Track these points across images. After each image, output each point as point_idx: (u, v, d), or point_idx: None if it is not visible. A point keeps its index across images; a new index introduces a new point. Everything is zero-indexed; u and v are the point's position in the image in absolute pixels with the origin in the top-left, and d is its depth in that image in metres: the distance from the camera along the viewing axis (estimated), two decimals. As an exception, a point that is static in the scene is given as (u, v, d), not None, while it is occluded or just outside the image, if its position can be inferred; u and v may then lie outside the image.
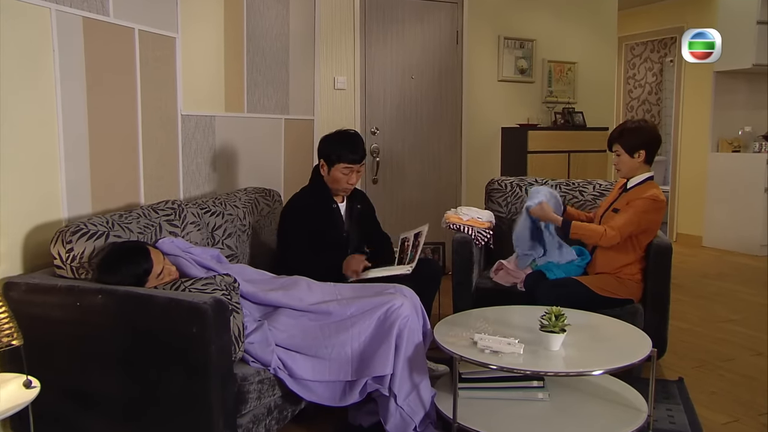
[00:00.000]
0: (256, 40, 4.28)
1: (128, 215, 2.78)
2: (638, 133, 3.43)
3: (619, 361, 2.48)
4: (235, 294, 2.51)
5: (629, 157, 3.43)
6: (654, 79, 10.17)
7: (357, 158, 3.35)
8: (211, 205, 3.33)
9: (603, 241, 3.32)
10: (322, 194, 3.43)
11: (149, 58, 3.25)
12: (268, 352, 2.55)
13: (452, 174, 5.96)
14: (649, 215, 3.33)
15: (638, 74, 10.11)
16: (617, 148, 3.46)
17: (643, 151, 3.41)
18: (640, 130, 3.45)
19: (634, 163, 3.43)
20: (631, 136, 3.43)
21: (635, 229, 3.32)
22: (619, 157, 3.46)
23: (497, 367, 2.44)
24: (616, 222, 3.33)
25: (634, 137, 3.42)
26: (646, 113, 10.17)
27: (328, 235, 3.38)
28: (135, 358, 2.30)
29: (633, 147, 3.41)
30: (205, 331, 2.17)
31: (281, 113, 4.64)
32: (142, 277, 2.47)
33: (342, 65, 5.27)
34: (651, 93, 10.21)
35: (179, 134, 3.54)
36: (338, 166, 3.34)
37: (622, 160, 3.45)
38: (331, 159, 3.35)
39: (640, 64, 10.11)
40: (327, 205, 3.43)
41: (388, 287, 2.87)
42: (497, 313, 3.05)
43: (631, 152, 3.41)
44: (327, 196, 3.44)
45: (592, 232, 3.36)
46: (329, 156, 3.36)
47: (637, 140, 3.42)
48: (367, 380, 2.60)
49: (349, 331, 2.65)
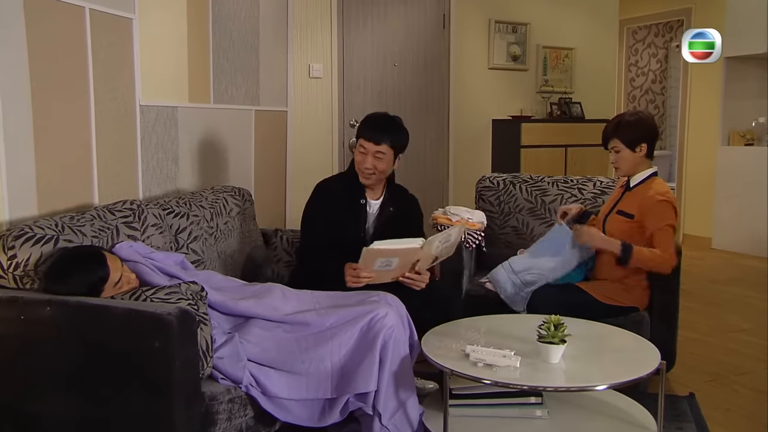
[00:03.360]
0: (222, 23, 4.26)
1: (80, 217, 2.74)
2: (638, 125, 3.42)
3: (624, 375, 2.48)
4: (202, 303, 2.49)
5: (631, 152, 3.41)
6: (658, 66, 10.24)
7: (375, 137, 3.26)
8: (175, 205, 3.31)
9: (664, 267, 3.27)
10: (352, 184, 3.38)
11: (102, 41, 3.22)
12: (239, 368, 2.52)
13: (439, 170, 5.98)
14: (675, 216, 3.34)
15: (641, 61, 10.19)
16: (615, 144, 3.43)
17: (644, 144, 3.41)
18: (640, 122, 3.43)
19: (636, 159, 3.43)
20: (630, 128, 3.41)
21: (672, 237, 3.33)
22: (619, 153, 3.43)
23: (491, 381, 2.43)
24: (662, 241, 3.28)
25: (635, 129, 3.40)
26: (650, 103, 10.25)
27: (347, 231, 3.32)
28: (89, 376, 2.27)
29: (634, 140, 3.40)
30: (168, 345, 2.15)
31: (251, 104, 4.62)
32: (96, 286, 2.44)
33: (318, 51, 5.26)
34: (655, 81, 10.28)
35: (137, 127, 3.51)
36: (359, 144, 3.31)
37: (623, 157, 3.43)
38: (356, 137, 3.35)
39: (644, 50, 10.19)
40: (355, 197, 3.37)
41: (371, 295, 2.86)
42: (491, 323, 3.05)
43: (633, 146, 3.40)
44: (357, 187, 3.37)
45: (655, 260, 3.27)
46: (356, 134, 3.36)
47: (638, 132, 3.40)
48: (349, 398, 2.58)
49: (328, 344, 2.63)
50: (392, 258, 3.02)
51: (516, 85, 6.43)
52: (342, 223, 3.31)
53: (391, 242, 3.05)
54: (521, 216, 4.20)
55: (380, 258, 3.00)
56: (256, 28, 4.62)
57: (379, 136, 3.27)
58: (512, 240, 4.11)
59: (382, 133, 3.28)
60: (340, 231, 3.29)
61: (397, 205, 3.47)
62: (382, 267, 3.04)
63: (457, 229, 3.19)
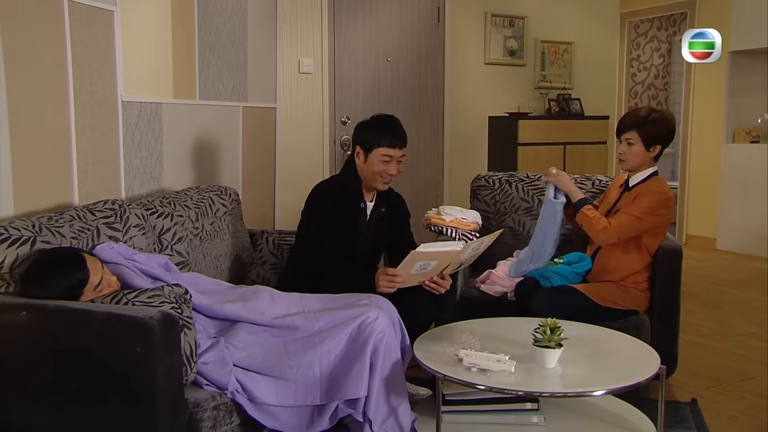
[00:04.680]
0: (208, 16, 4.26)
1: (59, 217, 2.74)
2: (661, 125, 3.42)
3: (623, 380, 2.49)
4: (186, 307, 2.49)
5: (644, 150, 3.42)
6: (661, 60, 10.27)
7: (399, 142, 3.31)
8: (158, 205, 3.31)
9: (600, 236, 3.34)
10: (352, 188, 3.40)
11: (82, 34, 3.21)
12: (224, 374, 2.53)
13: (433, 169, 5.98)
14: (656, 215, 3.35)
15: (643, 55, 10.21)
16: (632, 137, 3.42)
17: (659, 146, 3.43)
18: (664, 122, 3.44)
19: (646, 157, 3.44)
20: (653, 126, 3.40)
21: (636, 233, 3.34)
22: (631, 146, 3.43)
23: (485, 387, 2.44)
24: (619, 219, 3.34)
25: (657, 128, 3.41)
26: (652, 99, 10.27)
27: (346, 235, 3.34)
28: (66, 384, 2.26)
29: (652, 139, 3.41)
30: (150, 351, 2.15)
31: (239, 100, 4.62)
32: (76, 290, 2.44)
33: (308, 46, 5.26)
34: (657, 77, 10.31)
35: (120, 124, 3.51)
36: (377, 152, 3.29)
37: (634, 151, 3.43)
38: (370, 144, 3.31)
39: (646, 44, 10.21)
40: (354, 201, 3.40)
41: (361, 298, 2.87)
42: (485, 326, 3.06)
43: (648, 145, 3.41)
44: (357, 191, 3.40)
45: (596, 221, 3.35)
46: (367, 141, 3.33)
47: (660, 132, 3.41)
48: (339, 404, 2.59)
49: (317, 349, 2.64)
50: (432, 261, 3.02)
51: (513, 80, 6.43)
52: (341, 226, 3.33)
53: (434, 245, 3.10)
54: (517, 216, 4.20)
55: (421, 261, 3.00)
56: (243, 22, 4.62)
57: (402, 140, 3.33)
58: (508, 241, 4.11)
59: (402, 137, 3.34)
60: (339, 234, 3.31)
61: (387, 204, 3.51)
62: (418, 270, 3.05)
63: (489, 237, 3.19)
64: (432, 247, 3.03)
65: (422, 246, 3.00)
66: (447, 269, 3.14)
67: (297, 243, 3.48)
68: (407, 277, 3.05)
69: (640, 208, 3.34)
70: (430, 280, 3.12)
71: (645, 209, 3.33)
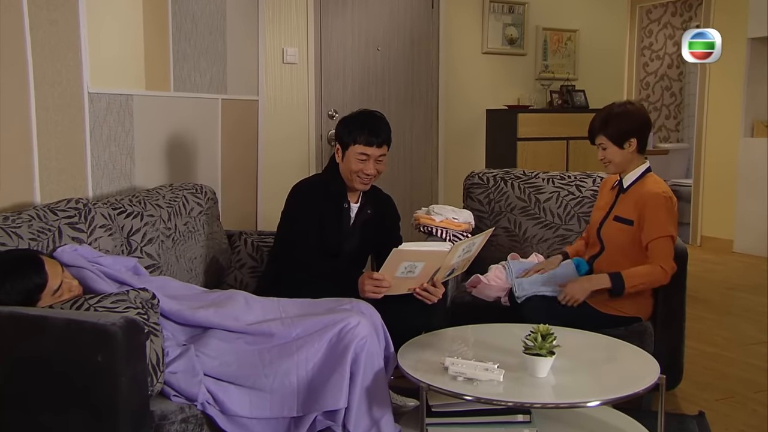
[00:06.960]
0: (183, 2, 4.26)
1: (16, 217, 2.73)
2: (624, 119, 3.43)
3: (619, 390, 2.50)
4: (153, 313, 2.50)
5: (619, 149, 3.42)
6: (675, 49, 10.25)
7: (376, 140, 3.30)
8: (127, 204, 3.30)
9: (665, 280, 3.30)
10: (334, 187, 3.41)
11: (43, 19, 3.19)
12: (194, 384, 2.53)
13: (427, 167, 5.99)
14: (674, 215, 3.36)
15: (656, 44, 10.20)
16: (601, 140, 3.46)
17: (633, 139, 3.42)
18: (626, 115, 3.44)
19: (625, 155, 3.44)
20: (616, 123, 3.42)
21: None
22: (606, 150, 3.45)
23: (473, 398, 2.45)
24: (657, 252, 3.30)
25: (621, 124, 3.42)
26: (665, 91, 10.27)
27: (328, 236, 3.36)
28: (23, 396, 2.26)
29: (621, 136, 3.41)
30: (113, 360, 2.16)
31: (217, 92, 4.62)
32: (33, 294, 2.44)
33: (293, 34, 5.28)
34: (671, 66, 10.30)
35: (86, 117, 3.50)
36: (353, 150, 3.31)
37: (611, 154, 3.45)
38: (346, 141, 3.33)
39: (659, 31, 10.20)
40: (337, 201, 3.41)
41: (342, 302, 2.88)
42: (475, 333, 3.08)
43: (620, 143, 3.42)
44: (340, 191, 3.41)
45: (650, 276, 3.29)
46: (343, 137, 3.34)
47: (625, 127, 3.41)
48: (317, 416, 2.59)
49: (294, 357, 2.64)
50: (418, 263, 2.99)
51: (513, 71, 6.44)
52: (323, 228, 3.34)
53: (418, 244, 3.10)
54: (513, 216, 4.20)
55: (406, 262, 2.97)
56: (222, 8, 4.62)
57: (380, 138, 3.33)
58: (503, 242, 4.12)
59: (380, 135, 3.34)
60: (320, 236, 3.32)
61: (374, 206, 3.51)
62: (404, 274, 3.01)
63: (480, 237, 3.18)
64: (416, 246, 3.04)
65: (405, 244, 3.01)
66: (438, 275, 3.11)
67: (276, 245, 3.50)
68: (394, 281, 3.03)
69: (661, 224, 3.31)
70: (421, 288, 3.08)
71: (666, 220, 3.32)
